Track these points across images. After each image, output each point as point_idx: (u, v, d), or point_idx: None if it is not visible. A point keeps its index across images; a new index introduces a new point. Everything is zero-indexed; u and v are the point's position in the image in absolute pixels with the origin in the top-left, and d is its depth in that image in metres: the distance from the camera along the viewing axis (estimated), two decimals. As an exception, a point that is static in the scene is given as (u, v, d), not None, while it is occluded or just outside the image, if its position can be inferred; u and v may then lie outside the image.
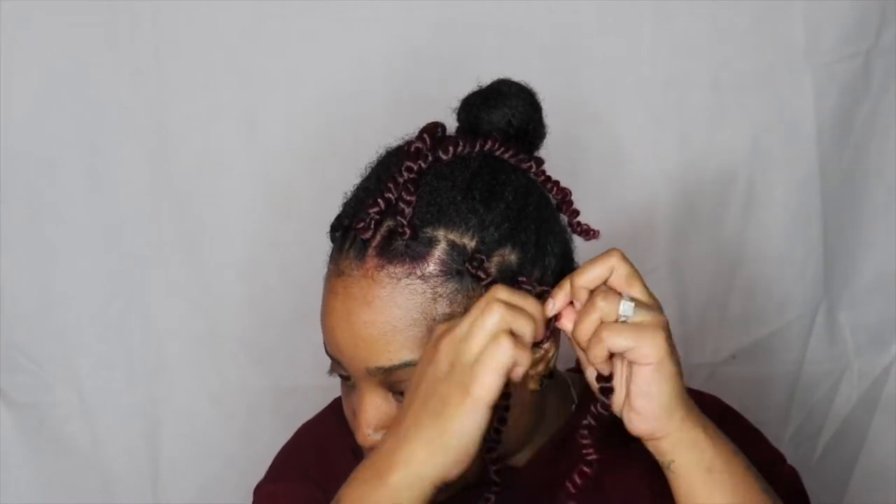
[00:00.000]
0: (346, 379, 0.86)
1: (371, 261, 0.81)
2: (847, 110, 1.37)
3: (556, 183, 0.87)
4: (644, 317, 0.77)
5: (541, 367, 0.86)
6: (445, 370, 0.76)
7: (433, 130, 0.86)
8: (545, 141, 0.91)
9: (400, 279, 0.80)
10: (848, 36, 1.33)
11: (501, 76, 0.90)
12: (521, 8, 1.31)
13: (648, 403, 0.78)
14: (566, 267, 0.85)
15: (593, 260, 0.79)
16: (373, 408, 0.83)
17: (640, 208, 1.38)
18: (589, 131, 1.35)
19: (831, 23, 1.33)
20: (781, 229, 1.40)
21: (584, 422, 0.80)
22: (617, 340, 0.76)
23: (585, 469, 0.81)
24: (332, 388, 1.00)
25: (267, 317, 1.37)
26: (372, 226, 0.81)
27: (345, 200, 0.88)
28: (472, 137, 0.85)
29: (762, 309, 1.43)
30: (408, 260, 0.80)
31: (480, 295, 0.79)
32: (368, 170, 0.88)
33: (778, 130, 1.37)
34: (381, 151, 0.88)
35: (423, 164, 0.83)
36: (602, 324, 0.77)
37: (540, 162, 0.87)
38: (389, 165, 0.85)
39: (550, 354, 0.85)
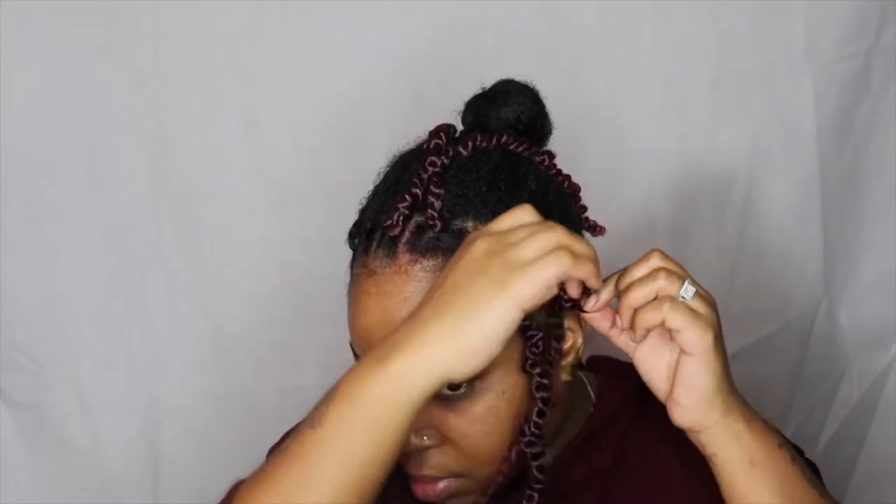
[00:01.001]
0: None
1: (403, 256, 0.81)
2: (847, 110, 1.36)
3: (568, 177, 0.89)
4: (699, 306, 0.79)
5: (570, 357, 0.87)
6: (482, 265, 0.75)
7: (447, 129, 0.87)
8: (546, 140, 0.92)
9: (434, 272, 0.80)
10: (848, 36, 1.33)
11: (502, 76, 0.91)
12: (521, 8, 1.31)
13: (690, 396, 0.80)
14: None
15: (636, 262, 0.81)
16: None
17: (640, 208, 1.38)
18: (589, 131, 1.34)
19: (831, 23, 1.33)
20: (781, 229, 1.40)
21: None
22: (674, 316, 0.78)
23: None
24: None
25: (267, 317, 1.37)
26: (400, 221, 0.81)
27: (361, 206, 0.88)
28: (488, 133, 0.87)
29: (762, 309, 1.42)
30: (440, 252, 0.81)
31: None
32: (381, 175, 0.88)
33: (778, 130, 1.37)
34: (393, 156, 0.89)
35: (445, 159, 0.84)
36: (664, 296, 0.79)
37: (552, 155, 0.89)
38: (409, 164, 0.85)
39: (579, 344, 0.87)
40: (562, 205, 0.87)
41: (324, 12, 1.30)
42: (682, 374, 0.80)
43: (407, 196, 0.82)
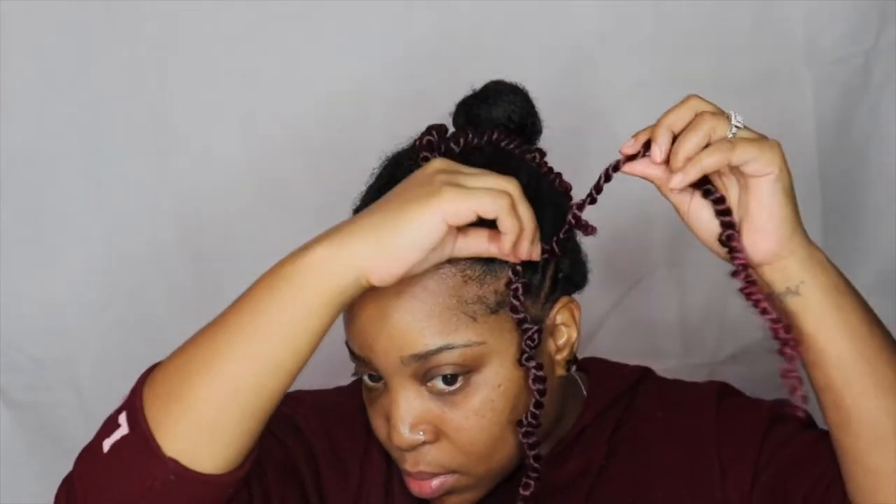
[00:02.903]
0: (375, 380, 0.86)
1: None
2: (847, 110, 1.36)
3: (559, 175, 0.90)
4: (753, 133, 0.79)
5: (565, 352, 0.87)
6: (427, 179, 0.76)
7: (439, 128, 0.87)
8: (545, 142, 0.92)
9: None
10: (848, 36, 1.33)
11: (502, 76, 0.92)
12: (521, 8, 1.31)
13: (771, 218, 0.77)
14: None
15: (673, 108, 0.81)
16: (406, 402, 0.83)
17: (639, 208, 1.37)
18: (589, 131, 1.34)
19: (831, 23, 1.33)
20: (781, 229, 1.40)
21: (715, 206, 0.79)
22: (742, 150, 0.76)
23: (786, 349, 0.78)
24: (332, 387, 1.00)
25: (267, 317, 1.37)
26: None
27: (354, 206, 0.88)
28: (479, 131, 0.87)
29: (762, 309, 1.42)
30: None
31: (507, 276, 0.81)
32: (374, 174, 0.89)
33: (778, 130, 1.37)
34: (384, 156, 0.89)
35: (436, 155, 0.84)
36: (724, 139, 0.77)
37: (543, 153, 0.90)
38: (401, 161, 0.86)
39: (573, 339, 0.87)
40: (554, 202, 0.87)
41: (324, 12, 1.30)
42: (759, 199, 0.77)
43: None
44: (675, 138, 0.79)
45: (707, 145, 0.78)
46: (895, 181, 1.40)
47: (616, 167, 0.82)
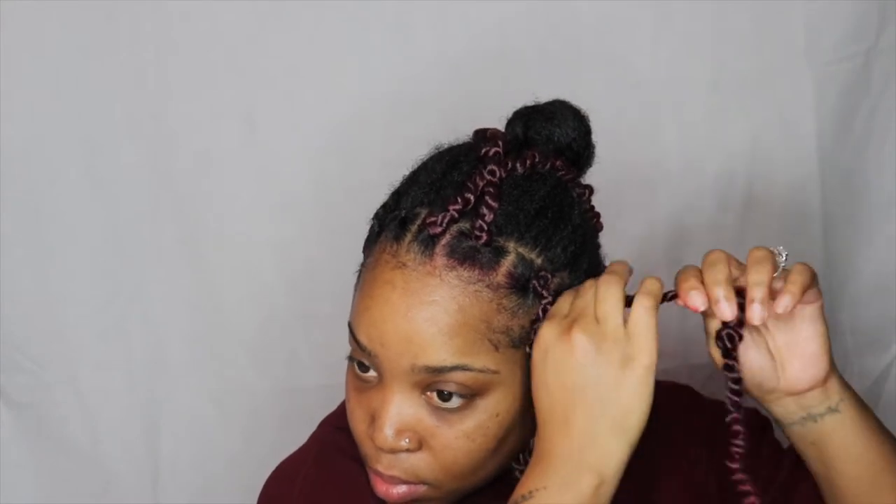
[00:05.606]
0: (366, 371, 0.84)
1: (439, 259, 0.80)
2: (847, 110, 1.36)
3: (598, 215, 0.89)
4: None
5: None
6: (592, 355, 0.76)
7: (501, 136, 0.85)
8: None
9: (468, 284, 0.80)
10: (848, 36, 1.33)
11: (502, 77, 0.91)
12: (521, 8, 1.31)
13: (822, 343, 0.80)
14: None
15: (708, 267, 0.86)
16: (400, 407, 0.82)
17: (639, 208, 1.37)
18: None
19: (831, 23, 1.33)
20: (781, 229, 1.40)
21: (731, 389, 0.82)
22: (809, 288, 0.79)
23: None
24: (332, 387, 1.00)
25: (267, 317, 1.37)
26: (445, 223, 0.80)
27: (393, 188, 0.87)
28: (543, 154, 0.85)
29: (762, 309, 1.42)
30: (478, 266, 0.80)
31: (536, 313, 0.81)
32: (423, 164, 0.87)
33: (778, 130, 1.37)
34: (436, 147, 0.88)
35: (503, 171, 0.82)
36: (790, 275, 0.79)
37: (592, 190, 0.89)
38: (459, 163, 0.84)
39: None
40: (595, 246, 0.87)
41: (325, 13, 1.30)
42: (812, 326, 0.80)
43: (459, 199, 0.80)
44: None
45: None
46: (895, 181, 1.40)
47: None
